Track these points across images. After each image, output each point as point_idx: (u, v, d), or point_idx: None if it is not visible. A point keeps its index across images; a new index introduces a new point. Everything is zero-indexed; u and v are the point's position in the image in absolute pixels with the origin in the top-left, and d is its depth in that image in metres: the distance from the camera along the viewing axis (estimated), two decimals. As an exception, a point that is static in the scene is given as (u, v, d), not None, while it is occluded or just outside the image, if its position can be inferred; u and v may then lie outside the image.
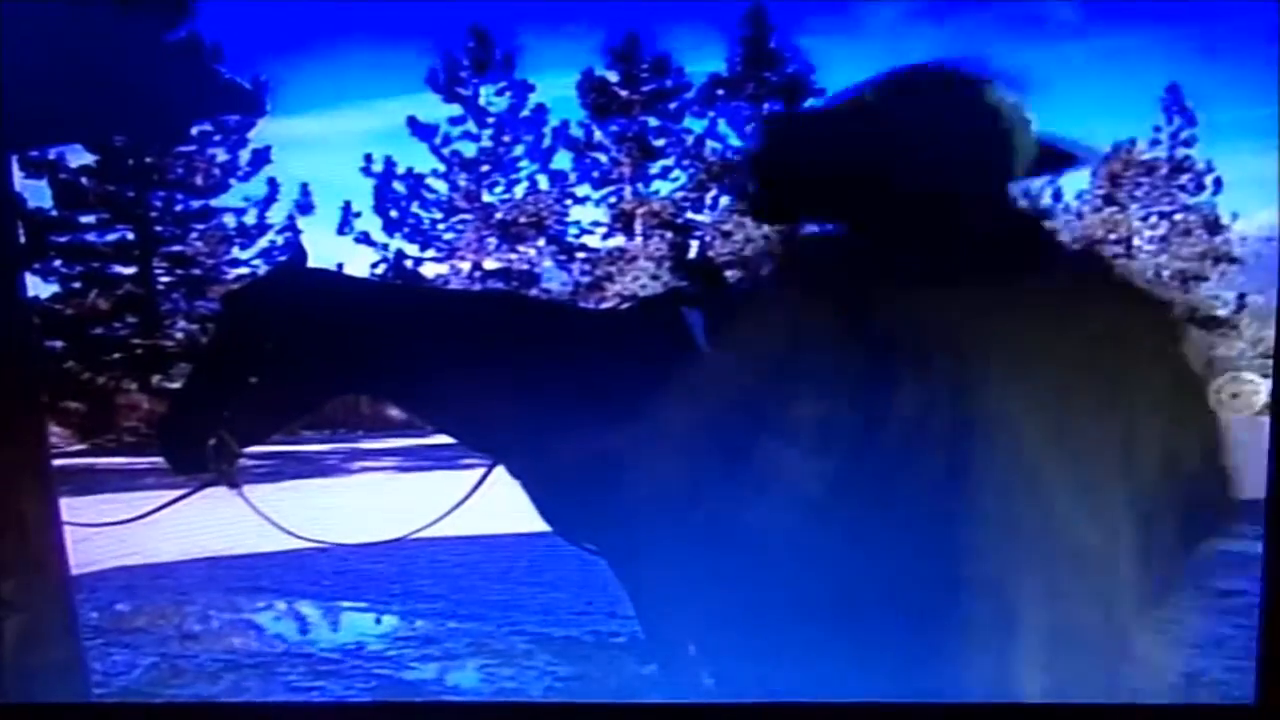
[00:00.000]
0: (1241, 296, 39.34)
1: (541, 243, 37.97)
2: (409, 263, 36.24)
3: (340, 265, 20.86)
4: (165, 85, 3.89)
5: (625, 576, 3.82)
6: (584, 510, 3.57)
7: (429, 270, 36.33)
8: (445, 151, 38.28)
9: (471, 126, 38.38)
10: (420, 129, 38.13)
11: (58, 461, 3.50)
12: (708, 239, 37.74)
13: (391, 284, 4.68)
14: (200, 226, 33.53)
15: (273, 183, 33.81)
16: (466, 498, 3.82)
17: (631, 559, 3.65)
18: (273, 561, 8.76)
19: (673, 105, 38.71)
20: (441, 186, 38.49)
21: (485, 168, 38.40)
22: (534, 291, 32.75)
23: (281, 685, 5.35)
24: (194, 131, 30.46)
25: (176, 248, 33.20)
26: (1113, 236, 38.86)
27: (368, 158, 37.60)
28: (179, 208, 33.10)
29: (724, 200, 38.68)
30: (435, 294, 4.07)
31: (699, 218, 39.42)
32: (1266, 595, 2.06)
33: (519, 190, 38.84)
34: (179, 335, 32.73)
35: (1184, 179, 39.40)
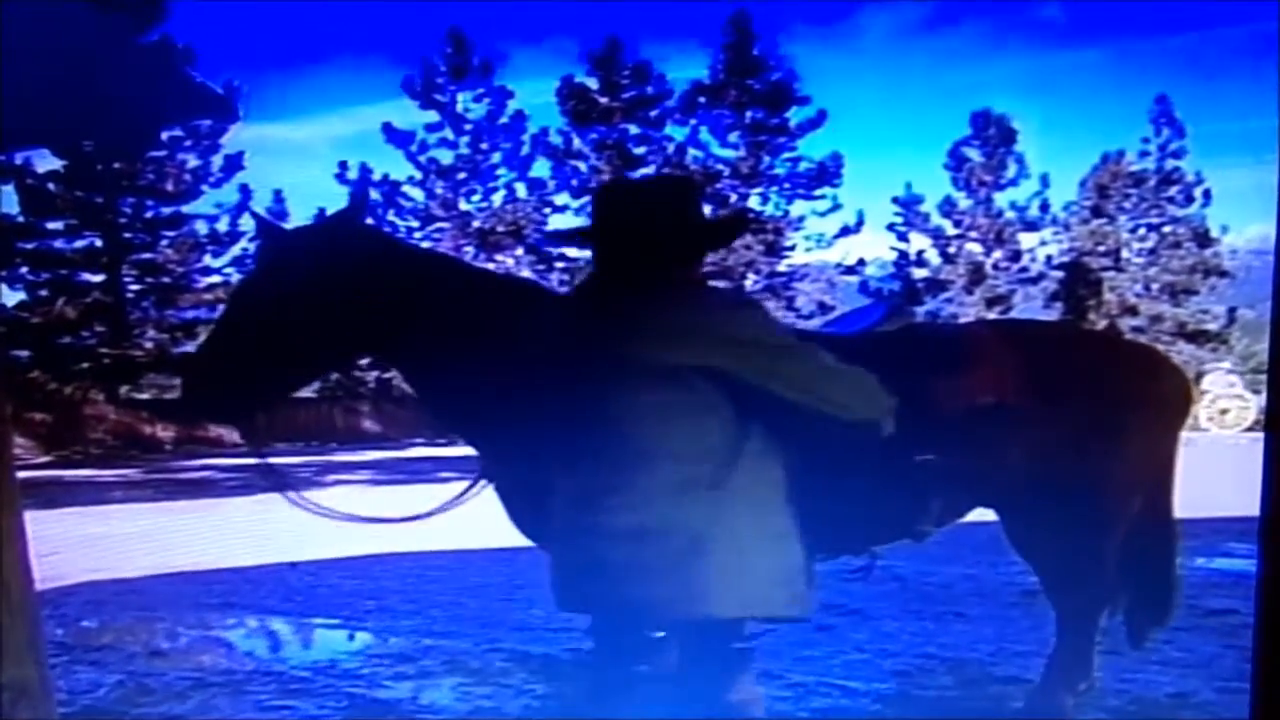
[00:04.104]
0: (1232, 310, 39.60)
1: (520, 251, 37.96)
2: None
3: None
4: (136, 89, 3.78)
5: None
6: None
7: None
8: (422, 159, 38.33)
9: (449, 134, 38.45)
10: (396, 136, 38.14)
11: (23, 474, 3.36)
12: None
13: (437, 253, 4.61)
14: (170, 233, 33.37)
15: (245, 189, 33.72)
16: (457, 500, 3.73)
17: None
18: (244, 577, 8.62)
19: (654, 113, 38.80)
20: (418, 194, 38.50)
21: (462, 175, 38.41)
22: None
23: (251, 704, 5.22)
24: (165, 137, 30.36)
25: (146, 255, 33.03)
26: (1101, 249, 39.08)
27: (343, 164, 37.67)
28: (149, 214, 32.91)
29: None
30: (471, 271, 3.94)
31: (681, 227, 39.44)
32: (1261, 614, 2.04)
33: (497, 198, 38.93)
34: (148, 345, 32.57)
35: (1173, 191, 39.64)
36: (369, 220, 3.95)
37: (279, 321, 3.46)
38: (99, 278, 32.37)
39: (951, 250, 40.07)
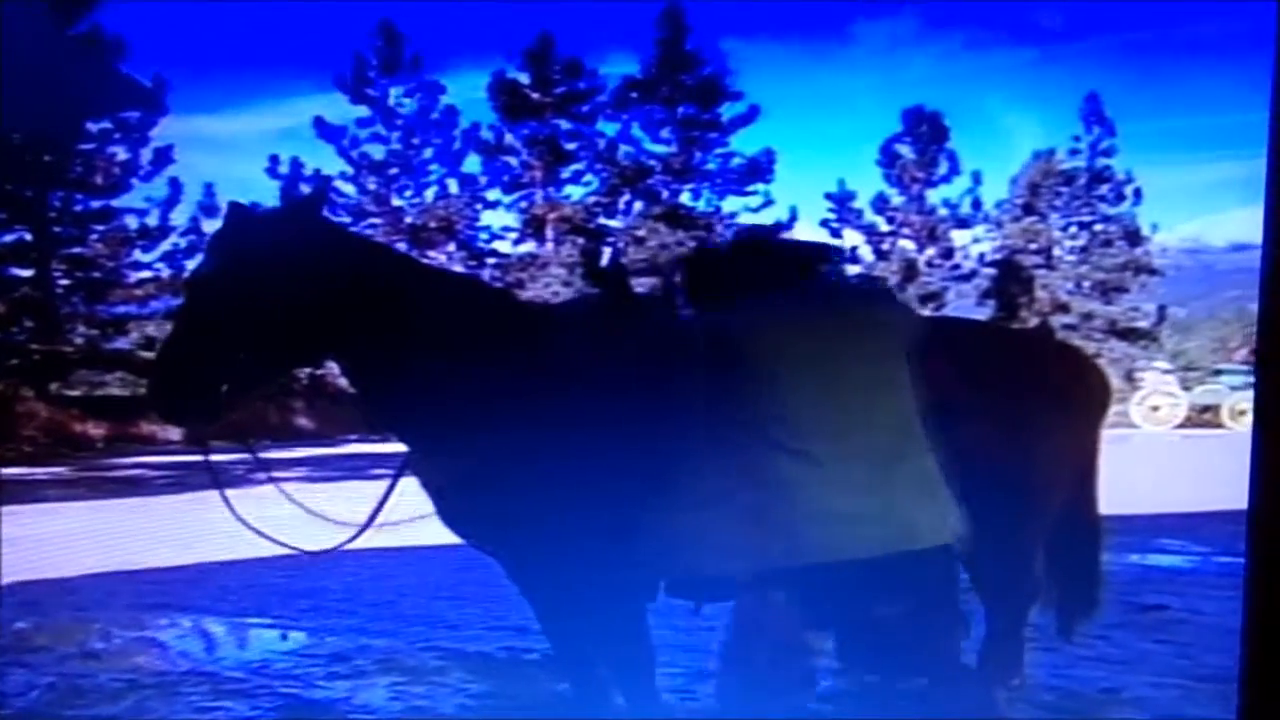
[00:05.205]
0: (1162, 308, 40.20)
1: (452, 248, 37.86)
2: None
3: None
4: (62, 81, 3.78)
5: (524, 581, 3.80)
6: (491, 511, 3.52)
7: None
8: (353, 154, 38.13)
9: (380, 129, 38.29)
10: (328, 130, 37.94)
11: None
12: (620, 245, 37.84)
13: (392, 250, 4.55)
14: (100, 228, 32.97)
15: (175, 183, 33.48)
16: (376, 512, 3.73)
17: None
18: (179, 576, 8.58)
19: (585, 108, 38.85)
20: (350, 189, 38.29)
21: (394, 171, 38.26)
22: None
23: (185, 706, 5.21)
24: (94, 129, 30.02)
25: (76, 249, 32.62)
26: (1033, 246, 39.51)
27: (274, 159, 37.35)
28: (78, 208, 32.51)
29: (637, 205, 38.82)
30: (422, 268, 3.88)
31: (611, 223, 39.54)
32: (1249, 608, 2.09)
33: (429, 194, 38.82)
34: (79, 341, 32.17)
35: (1104, 189, 40.14)
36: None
37: (252, 316, 3.40)
38: (28, 272, 31.90)
39: (885, 247, 40.41)
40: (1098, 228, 40.22)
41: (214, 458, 3.79)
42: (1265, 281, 2.13)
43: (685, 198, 38.95)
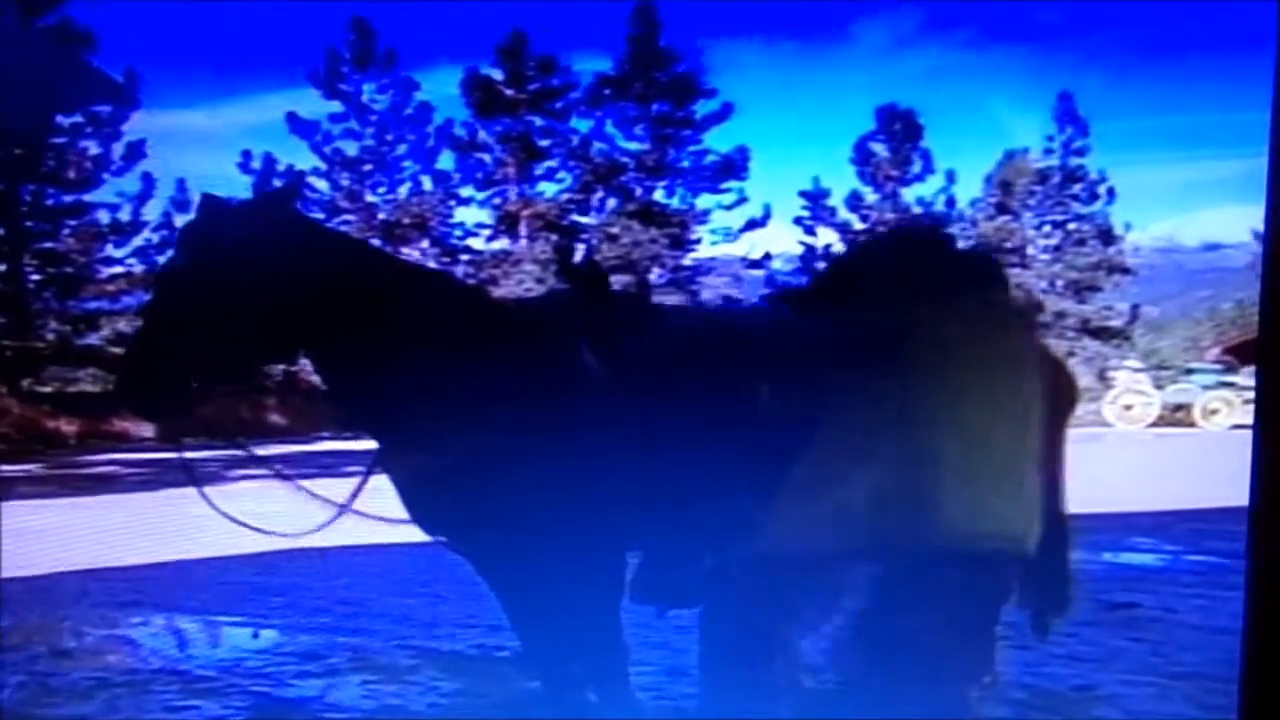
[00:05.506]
0: (1135, 308, 40.41)
1: (425, 244, 37.78)
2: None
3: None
4: (34, 74, 3.74)
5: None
6: (461, 510, 3.49)
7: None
8: (326, 150, 38.03)
9: (354, 124, 38.18)
10: (300, 126, 37.82)
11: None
12: (594, 242, 37.84)
13: (366, 245, 4.51)
14: (72, 223, 32.78)
15: (148, 178, 33.24)
16: (346, 506, 3.69)
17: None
18: (151, 574, 8.55)
19: (559, 105, 38.83)
20: (323, 185, 38.18)
21: (368, 167, 38.15)
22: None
23: (157, 704, 5.20)
24: (66, 124, 29.85)
25: (48, 244, 32.42)
26: (1007, 245, 39.62)
27: (246, 154, 37.14)
28: (50, 203, 32.30)
29: (610, 202, 38.82)
30: (396, 264, 3.85)
31: (585, 220, 39.53)
32: (1251, 604, 2.09)
33: (403, 190, 38.73)
34: (50, 336, 31.98)
35: (1077, 188, 40.32)
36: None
37: (222, 310, 3.36)
38: (0, 268, 31.70)
39: (859, 245, 40.46)
40: (1071, 227, 40.39)
41: (188, 455, 3.76)
42: (1265, 281, 2.12)
43: (659, 195, 38.96)
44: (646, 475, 3.35)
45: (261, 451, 4.50)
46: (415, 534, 3.75)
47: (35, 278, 32.49)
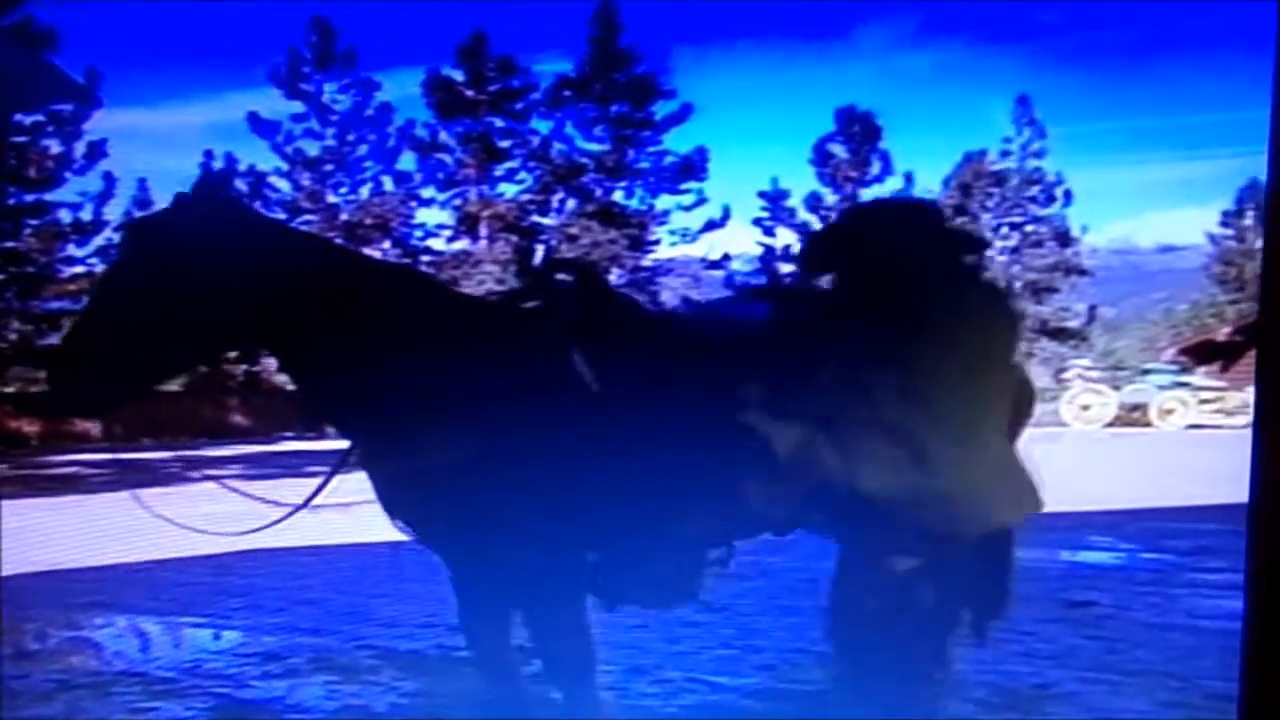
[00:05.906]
0: (1092, 309, 40.76)
1: (387, 245, 37.69)
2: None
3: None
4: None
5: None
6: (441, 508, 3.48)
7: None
8: (288, 150, 37.92)
9: (315, 124, 38.09)
10: (262, 126, 37.70)
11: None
12: (553, 243, 37.87)
13: (316, 237, 4.47)
14: (33, 222, 32.51)
15: (109, 177, 33.02)
16: (313, 495, 3.68)
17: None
18: (113, 575, 8.52)
19: (519, 106, 38.84)
20: (285, 185, 38.05)
21: (329, 167, 38.06)
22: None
23: (118, 706, 5.18)
24: (26, 122, 29.62)
25: (9, 244, 32.13)
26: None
27: (208, 154, 36.99)
28: (11, 202, 32.00)
29: (570, 203, 38.83)
30: (354, 257, 3.83)
31: (545, 221, 39.53)
32: (1249, 612, 2.11)
33: (364, 191, 38.67)
34: (12, 337, 31.72)
35: (1034, 191, 40.63)
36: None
37: (144, 306, 3.32)
38: (-41, 268, 31.45)
39: (818, 245, 40.52)
40: (1029, 229, 40.73)
41: (148, 455, 3.78)
42: (1265, 281, 2.15)
43: (618, 196, 39.07)
44: (621, 473, 3.37)
45: (221, 453, 4.52)
46: (374, 535, 3.75)
47: (-4, 277, 32.24)
